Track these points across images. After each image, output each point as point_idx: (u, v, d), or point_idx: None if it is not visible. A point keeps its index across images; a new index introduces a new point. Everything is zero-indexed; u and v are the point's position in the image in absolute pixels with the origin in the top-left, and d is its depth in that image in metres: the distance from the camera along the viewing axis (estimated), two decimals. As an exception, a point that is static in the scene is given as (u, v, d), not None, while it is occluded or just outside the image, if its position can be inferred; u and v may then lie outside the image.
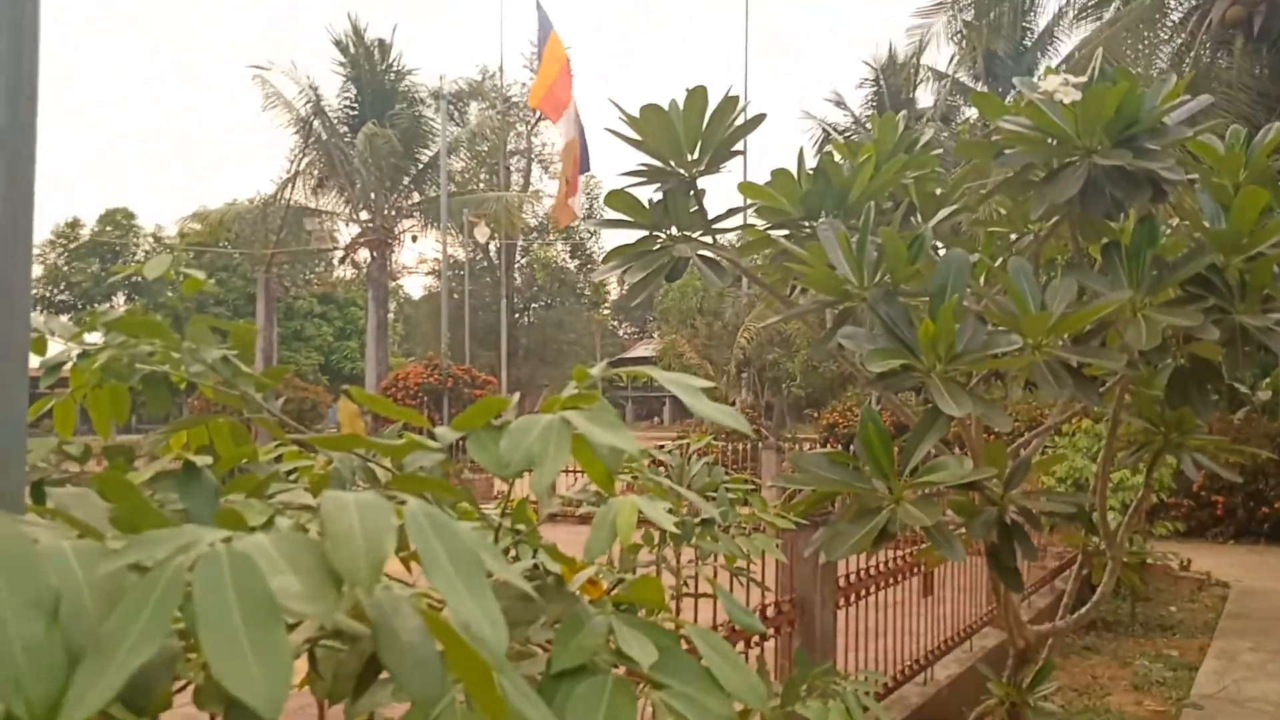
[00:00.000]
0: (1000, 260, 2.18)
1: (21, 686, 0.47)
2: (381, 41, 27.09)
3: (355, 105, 26.71)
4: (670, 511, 1.13)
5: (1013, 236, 2.35)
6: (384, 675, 0.78)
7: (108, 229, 43.42)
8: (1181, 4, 15.32)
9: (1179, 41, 15.14)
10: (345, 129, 26.39)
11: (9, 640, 0.48)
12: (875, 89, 26.81)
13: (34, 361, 1.09)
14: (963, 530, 1.96)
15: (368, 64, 26.74)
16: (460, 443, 0.95)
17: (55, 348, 1.28)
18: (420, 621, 0.61)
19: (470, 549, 0.60)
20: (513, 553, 1.15)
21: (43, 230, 41.26)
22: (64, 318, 1.36)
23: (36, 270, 40.66)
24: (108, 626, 0.51)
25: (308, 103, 25.46)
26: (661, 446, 2.25)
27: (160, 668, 0.59)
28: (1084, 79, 1.89)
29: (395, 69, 27.28)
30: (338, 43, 26.76)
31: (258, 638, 0.50)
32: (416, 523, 0.60)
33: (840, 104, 26.67)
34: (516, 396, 0.98)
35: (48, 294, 41.48)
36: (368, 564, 0.55)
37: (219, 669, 0.48)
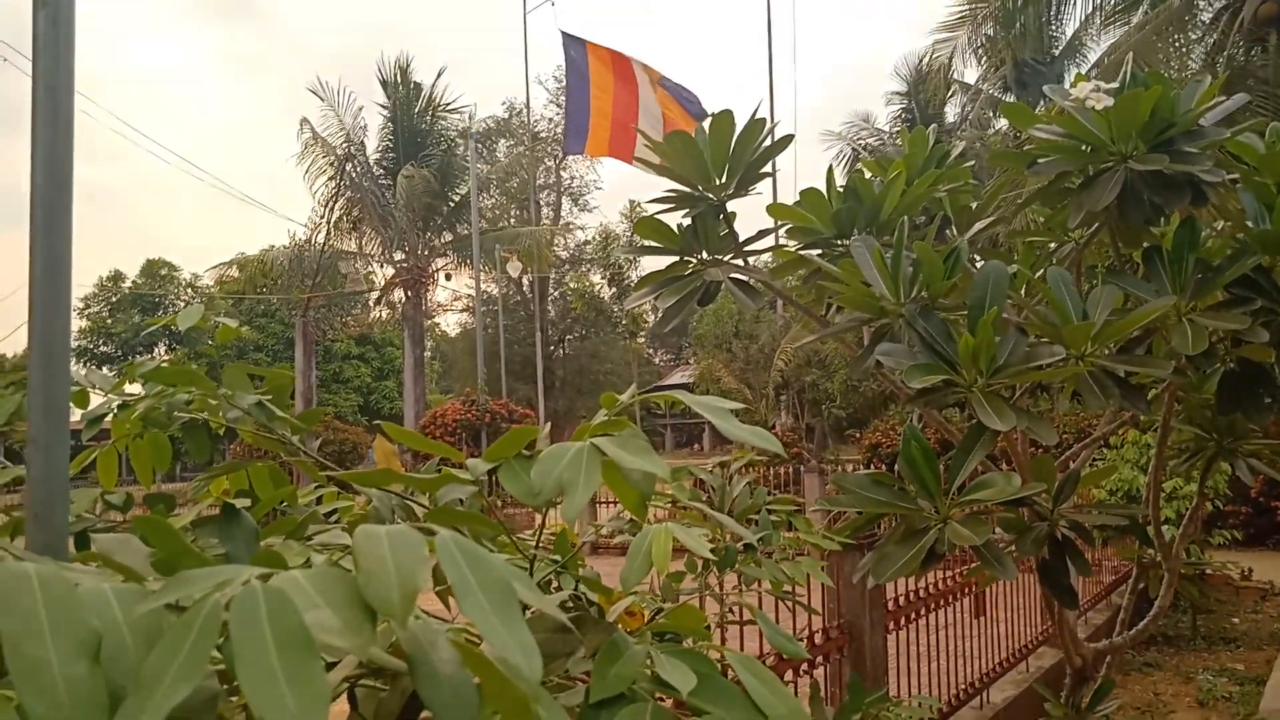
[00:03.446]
0: (1040, 270, 2.15)
1: (65, 726, 0.49)
2: (418, 83, 27.43)
3: (392, 146, 27.02)
4: (709, 538, 1.12)
5: (1052, 245, 2.31)
6: (424, 715, 0.78)
7: (147, 280, 44.52)
8: (1211, 4, 15.09)
9: (1210, 41, 14.90)
10: (380, 171, 26.79)
11: (54, 681, 0.50)
12: (904, 104, 26.72)
13: (75, 414, 1.11)
14: (1013, 548, 1.91)
15: (406, 105, 27.03)
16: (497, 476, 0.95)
17: (96, 400, 1.31)
18: (456, 654, 0.61)
19: (503, 578, 0.59)
20: (553, 584, 1.14)
21: (87, 282, 42.44)
22: (106, 369, 1.38)
23: (81, 324, 41.76)
24: (147, 665, 0.52)
25: (345, 144, 25.86)
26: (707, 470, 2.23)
27: (201, 708, 0.59)
28: (1115, 84, 1.86)
29: (434, 109, 27.45)
30: (385, 83, 26.96)
31: (293, 670, 0.50)
32: (448, 552, 0.60)
33: (866, 120, 26.61)
34: (548, 426, 0.98)
35: (91, 347, 42.44)
36: (401, 596, 0.55)
37: (256, 702, 0.49)
